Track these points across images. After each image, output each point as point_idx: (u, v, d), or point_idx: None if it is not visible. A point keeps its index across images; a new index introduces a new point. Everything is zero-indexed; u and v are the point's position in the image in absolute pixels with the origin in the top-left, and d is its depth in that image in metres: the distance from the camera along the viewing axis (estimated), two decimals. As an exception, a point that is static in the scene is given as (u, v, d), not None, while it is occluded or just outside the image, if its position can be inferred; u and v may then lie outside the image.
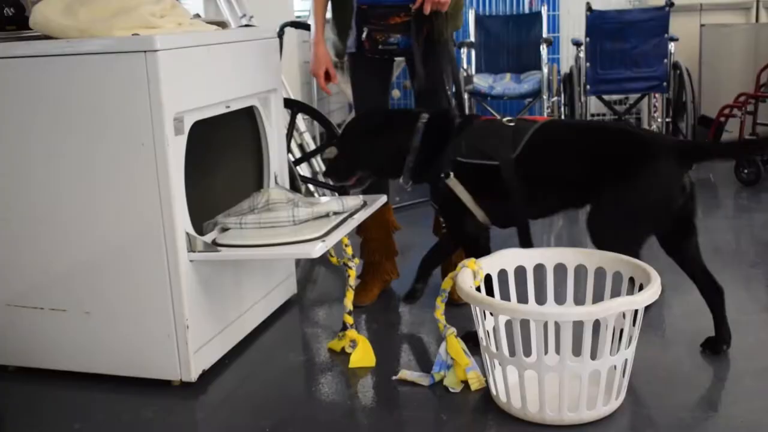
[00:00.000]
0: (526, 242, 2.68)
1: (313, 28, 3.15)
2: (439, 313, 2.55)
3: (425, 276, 3.00)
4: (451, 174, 2.65)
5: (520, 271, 2.58)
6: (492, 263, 2.52)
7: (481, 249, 2.79)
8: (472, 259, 2.44)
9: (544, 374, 2.21)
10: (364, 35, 3.04)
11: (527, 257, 2.59)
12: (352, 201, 2.90)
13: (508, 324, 2.29)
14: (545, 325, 2.41)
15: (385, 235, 3.32)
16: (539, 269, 2.58)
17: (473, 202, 2.69)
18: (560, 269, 2.58)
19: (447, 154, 2.65)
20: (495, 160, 2.59)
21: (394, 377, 2.61)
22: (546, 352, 2.33)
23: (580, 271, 2.56)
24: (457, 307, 2.95)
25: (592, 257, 2.54)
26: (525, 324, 2.20)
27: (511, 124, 2.66)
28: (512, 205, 2.62)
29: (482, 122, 2.76)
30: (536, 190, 2.60)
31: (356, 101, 3.27)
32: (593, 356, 2.22)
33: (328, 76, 3.18)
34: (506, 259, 2.57)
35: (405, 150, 2.75)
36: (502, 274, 2.55)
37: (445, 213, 2.80)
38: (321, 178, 4.80)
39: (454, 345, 2.53)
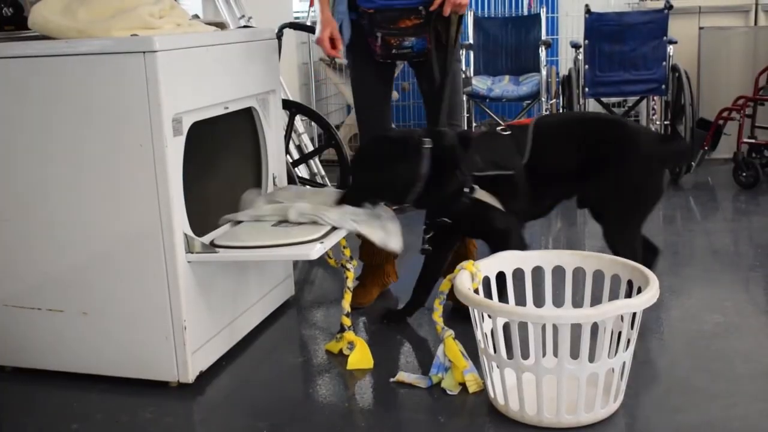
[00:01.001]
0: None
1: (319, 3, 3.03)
2: (437, 315, 2.56)
3: (419, 303, 3.07)
4: (476, 187, 2.74)
5: (518, 274, 2.58)
6: (490, 265, 2.52)
7: (522, 240, 2.87)
8: (470, 261, 2.44)
9: (542, 377, 2.21)
10: (378, 41, 2.94)
11: (525, 259, 2.59)
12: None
13: (506, 326, 2.28)
14: (543, 327, 2.40)
15: None
16: (537, 271, 2.58)
17: (497, 201, 2.79)
18: (558, 272, 2.58)
19: (463, 172, 2.74)
20: (510, 169, 2.76)
21: (391, 379, 2.61)
22: (543, 355, 2.33)
23: (579, 273, 2.56)
24: (456, 311, 2.95)
25: (590, 260, 2.54)
26: (523, 326, 2.19)
27: (506, 132, 2.83)
28: (521, 204, 2.81)
29: (479, 135, 2.90)
30: (546, 186, 2.84)
31: (362, 108, 3.18)
32: (591, 359, 2.22)
33: (333, 43, 3.00)
34: (504, 261, 2.57)
35: (415, 178, 2.75)
36: (500, 276, 2.55)
37: (478, 221, 2.83)
38: (319, 179, 4.80)
39: (452, 347, 2.53)
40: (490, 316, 2.31)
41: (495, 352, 2.31)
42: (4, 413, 2.55)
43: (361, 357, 2.75)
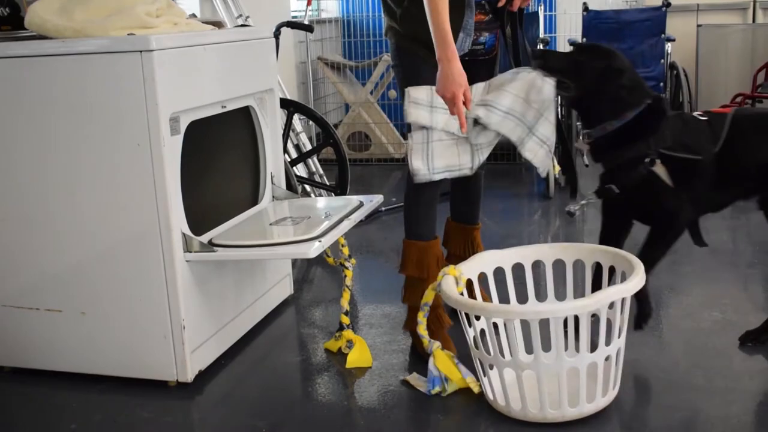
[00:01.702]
0: (697, 237, 2.81)
1: (441, 37, 2.40)
2: (422, 329, 2.49)
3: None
4: (658, 161, 2.57)
5: (498, 272, 2.58)
6: (471, 267, 2.50)
7: (690, 229, 2.78)
8: (452, 266, 2.42)
9: (542, 372, 2.21)
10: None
11: (505, 258, 2.58)
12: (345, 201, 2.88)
13: (495, 326, 2.29)
14: (538, 323, 2.40)
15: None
16: (518, 268, 2.58)
17: (671, 183, 2.62)
18: (538, 266, 2.59)
19: (652, 143, 2.57)
20: (699, 155, 2.58)
21: (401, 377, 2.60)
22: (529, 351, 2.33)
23: (559, 266, 2.56)
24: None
25: (568, 251, 2.54)
26: (509, 324, 2.20)
27: (704, 117, 2.68)
28: (699, 194, 2.66)
29: (676, 114, 2.75)
30: (728, 182, 2.66)
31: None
32: (576, 350, 2.22)
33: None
34: (485, 261, 2.56)
35: (624, 105, 2.60)
36: (482, 277, 2.55)
37: (648, 197, 2.64)
38: (317, 178, 4.80)
39: (442, 359, 2.49)
40: (477, 318, 2.30)
41: (490, 353, 2.30)
42: (2, 413, 2.54)
43: (360, 355, 2.75)
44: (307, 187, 4.60)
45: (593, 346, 2.24)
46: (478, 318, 2.32)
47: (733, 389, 2.44)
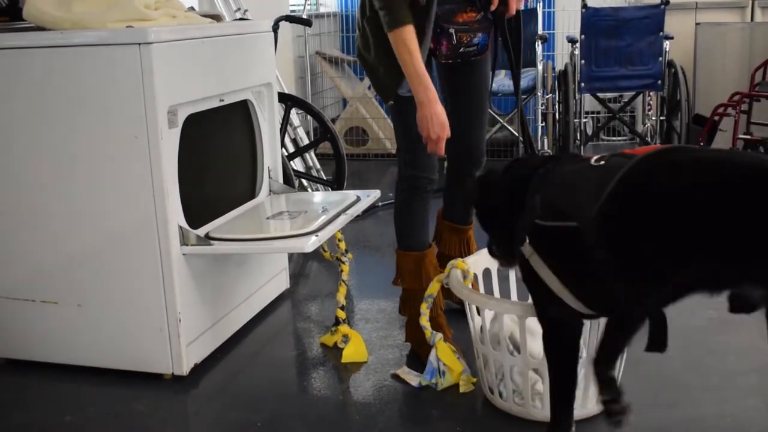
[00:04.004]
0: (656, 341, 1.95)
1: (418, 79, 2.35)
2: (425, 320, 2.48)
3: None
4: (527, 240, 1.91)
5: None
6: (476, 262, 2.50)
7: (564, 341, 2.01)
8: (460, 260, 2.41)
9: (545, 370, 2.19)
10: (453, 38, 2.54)
11: None
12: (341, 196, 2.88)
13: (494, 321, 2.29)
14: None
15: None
16: None
17: (557, 280, 1.88)
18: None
19: (525, 215, 1.91)
20: (573, 220, 1.79)
21: (391, 371, 2.60)
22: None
23: None
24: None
25: None
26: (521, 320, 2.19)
27: (601, 162, 1.82)
28: (607, 284, 1.78)
29: (573, 164, 1.93)
30: (640, 261, 1.70)
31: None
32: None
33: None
34: (489, 257, 2.55)
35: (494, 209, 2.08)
36: (487, 273, 2.54)
37: (528, 289, 2.03)
38: (314, 173, 4.79)
39: (445, 351, 2.49)
40: (478, 313, 2.30)
41: (494, 348, 2.28)
42: (-3, 405, 2.55)
43: (355, 350, 2.75)
44: (304, 182, 4.60)
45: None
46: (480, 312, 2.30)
47: (727, 387, 2.45)
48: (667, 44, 5.28)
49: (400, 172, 2.66)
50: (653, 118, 5.70)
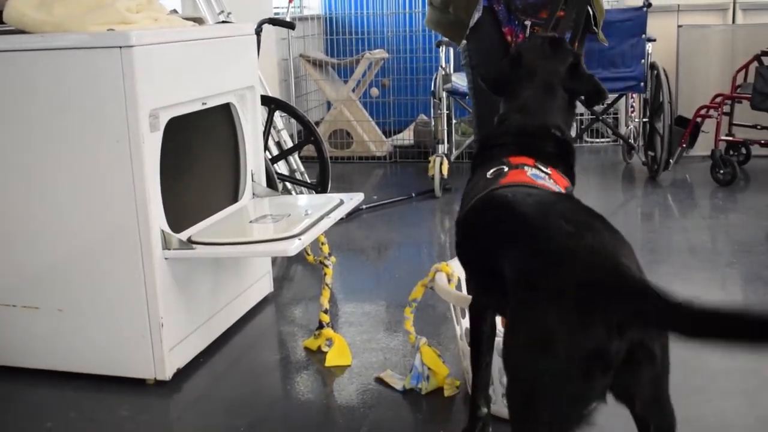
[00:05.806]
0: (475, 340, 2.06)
1: None
2: (409, 324, 2.49)
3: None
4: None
5: None
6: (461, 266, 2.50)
7: (476, 332, 2.06)
8: (444, 263, 2.42)
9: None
10: (526, 31, 2.58)
11: None
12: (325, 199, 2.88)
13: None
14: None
15: None
16: None
17: (466, 274, 2.08)
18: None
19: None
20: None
21: (375, 375, 2.60)
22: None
23: None
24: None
25: None
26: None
27: (488, 176, 1.96)
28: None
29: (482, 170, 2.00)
30: (464, 253, 1.99)
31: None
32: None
33: None
34: None
35: None
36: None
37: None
38: (298, 176, 4.79)
39: (429, 355, 2.49)
40: (463, 316, 2.30)
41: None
42: (-22, 411, 2.52)
43: (339, 354, 2.75)
44: (288, 185, 4.59)
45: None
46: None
47: (709, 388, 2.46)
48: (649, 46, 5.31)
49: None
50: (636, 120, 5.73)
